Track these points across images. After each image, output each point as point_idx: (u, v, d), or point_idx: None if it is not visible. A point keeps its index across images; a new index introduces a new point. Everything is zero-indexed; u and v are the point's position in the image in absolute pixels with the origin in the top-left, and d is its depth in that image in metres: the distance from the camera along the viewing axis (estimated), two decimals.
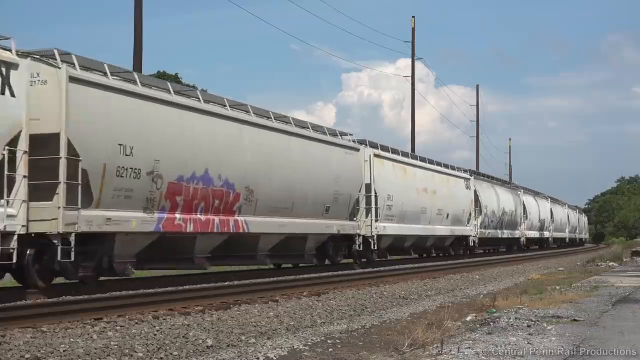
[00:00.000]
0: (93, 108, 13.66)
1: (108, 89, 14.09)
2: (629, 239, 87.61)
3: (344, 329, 11.14)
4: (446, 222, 32.78)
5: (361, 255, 25.51)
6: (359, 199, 24.42)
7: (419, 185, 29.66)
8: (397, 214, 27.08)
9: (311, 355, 8.95)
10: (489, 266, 29.27)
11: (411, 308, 14.29)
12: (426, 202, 30.23)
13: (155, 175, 15.01)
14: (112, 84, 14.26)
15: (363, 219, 24.59)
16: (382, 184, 25.97)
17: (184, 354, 8.67)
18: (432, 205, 30.76)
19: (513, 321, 11.04)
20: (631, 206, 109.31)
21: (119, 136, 14.11)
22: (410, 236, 28.88)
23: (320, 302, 13.81)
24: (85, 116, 13.40)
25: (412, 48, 48.40)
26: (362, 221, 24.52)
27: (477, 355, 8.20)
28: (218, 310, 12.06)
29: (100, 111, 13.82)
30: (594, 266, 29.79)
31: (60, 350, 8.25)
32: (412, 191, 28.80)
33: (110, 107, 14.06)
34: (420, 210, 29.56)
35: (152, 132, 15.05)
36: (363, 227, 24.47)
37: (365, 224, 24.62)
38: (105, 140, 13.85)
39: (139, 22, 24.40)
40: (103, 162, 13.72)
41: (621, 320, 11.31)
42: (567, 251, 54.45)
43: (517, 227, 47.19)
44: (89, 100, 13.59)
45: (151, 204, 14.97)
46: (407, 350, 8.69)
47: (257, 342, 9.66)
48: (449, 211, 32.97)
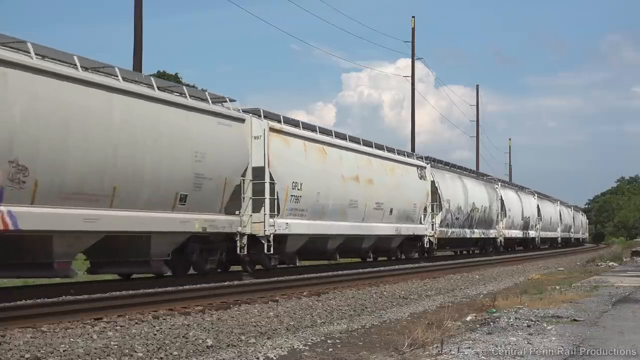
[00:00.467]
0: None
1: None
2: (629, 239, 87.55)
3: (344, 329, 11.14)
4: (389, 218, 26.42)
5: (255, 261, 19.64)
6: (243, 187, 18.09)
7: (347, 172, 23.13)
8: (310, 208, 20.74)
9: (311, 355, 8.95)
10: (489, 266, 29.26)
11: (411, 308, 14.29)
12: (358, 193, 23.77)
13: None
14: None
15: (249, 212, 18.30)
16: (285, 168, 19.54)
17: (184, 354, 8.67)
18: (366, 197, 24.35)
19: (513, 321, 11.04)
20: (631, 206, 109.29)
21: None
22: (335, 236, 22.68)
23: (320, 302, 13.81)
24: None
25: (412, 48, 48.41)
26: (247, 216, 18.20)
27: (477, 355, 8.21)
28: (218, 310, 12.06)
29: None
30: (594, 266, 29.78)
31: (60, 350, 8.25)
32: (335, 179, 22.30)
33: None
34: (349, 204, 23.12)
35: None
36: (249, 224, 18.24)
37: (254, 220, 18.39)
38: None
39: (139, 22, 24.40)
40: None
41: (621, 320, 11.31)
42: (566, 251, 54.21)
43: (493, 226, 41.11)
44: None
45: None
46: (407, 350, 8.69)
47: (257, 342, 9.66)
48: (394, 206, 26.59)
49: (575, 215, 77.32)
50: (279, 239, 19.22)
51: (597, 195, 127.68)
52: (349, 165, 23.50)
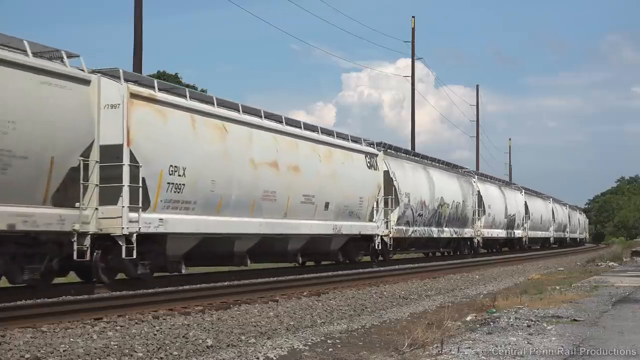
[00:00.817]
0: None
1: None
2: (629, 239, 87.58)
3: (344, 329, 11.14)
4: (324, 215, 21.62)
5: (114, 268, 14.91)
6: (84, 170, 13.52)
7: (260, 157, 18.44)
8: (200, 200, 16.28)
9: (311, 355, 8.95)
10: (489, 266, 29.26)
11: (411, 308, 14.30)
12: (277, 183, 19.05)
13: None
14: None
15: (94, 205, 13.72)
16: (157, 147, 15.12)
17: (184, 354, 8.67)
18: (290, 188, 19.65)
19: (513, 321, 11.04)
20: (631, 206, 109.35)
21: None
22: (244, 236, 18.17)
23: (320, 302, 13.82)
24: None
25: (412, 48, 48.39)
26: (91, 209, 13.64)
27: (477, 355, 8.21)
28: (218, 310, 12.06)
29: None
30: (594, 266, 29.78)
31: (60, 350, 8.25)
32: (241, 164, 17.71)
33: None
34: (263, 196, 18.45)
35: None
36: (93, 220, 13.62)
37: (105, 215, 13.92)
38: None
39: (139, 22, 24.41)
40: None
41: (621, 320, 11.31)
42: (566, 251, 54.19)
43: (469, 224, 36.10)
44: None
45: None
46: (407, 350, 8.69)
47: (257, 342, 9.66)
48: (331, 199, 21.83)
49: (572, 214, 73.63)
50: (156, 240, 15.35)
51: (597, 195, 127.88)
52: (264, 148, 18.69)
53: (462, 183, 35.78)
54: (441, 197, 31.61)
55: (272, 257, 21.18)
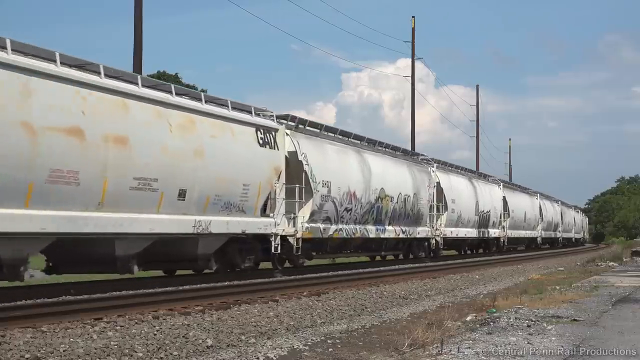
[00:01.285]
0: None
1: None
2: (629, 239, 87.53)
3: (344, 329, 11.14)
4: (178, 207, 15.19)
5: None
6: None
7: (45, 120, 12.09)
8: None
9: (311, 355, 8.96)
10: (489, 266, 29.25)
11: (411, 308, 14.30)
12: (81, 160, 12.75)
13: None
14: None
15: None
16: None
17: (184, 354, 8.67)
18: (108, 167, 13.34)
19: (513, 321, 11.04)
20: (631, 206, 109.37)
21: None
22: (14, 238, 11.84)
23: (320, 302, 13.81)
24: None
25: (412, 48, 48.34)
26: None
27: (477, 355, 8.21)
28: (218, 310, 12.06)
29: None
30: (594, 266, 29.79)
31: (60, 350, 8.25)
32: (4, 129, 11.38)
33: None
34: (50, 178, 12.17)
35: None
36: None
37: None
38: None
39: (139, 22, 24.41)
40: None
41: (621, 320, 11.31)
42: (566, 251, 54.16)
43: (425, 222, 29.64)
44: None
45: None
46: (407, 350, 8.69)
47: (257, 342, 9.67)
48: (190, 186, 15.47)
49: (566, 212, 66.76)
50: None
51: (597, 195, 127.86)
52: (54, 107, 12.30)
53: (414, 172, 29.01)
54: (381, 188, 25.18)
55: (88, 265, 14.87)
